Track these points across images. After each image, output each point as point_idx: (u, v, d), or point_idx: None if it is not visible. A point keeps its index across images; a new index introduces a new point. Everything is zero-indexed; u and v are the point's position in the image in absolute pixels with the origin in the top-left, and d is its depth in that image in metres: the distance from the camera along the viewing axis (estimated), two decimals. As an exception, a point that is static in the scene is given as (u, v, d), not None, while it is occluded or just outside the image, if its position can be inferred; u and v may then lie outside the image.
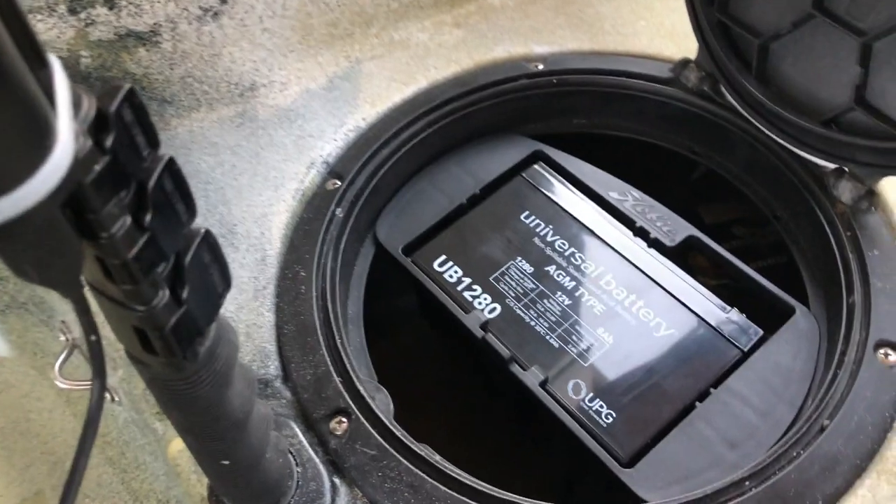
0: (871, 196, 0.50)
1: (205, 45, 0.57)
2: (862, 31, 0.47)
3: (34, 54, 0.21)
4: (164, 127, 0.58)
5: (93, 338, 0.27)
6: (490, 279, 0.53)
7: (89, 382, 0.48)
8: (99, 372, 0.28)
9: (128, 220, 0.24)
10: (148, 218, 0.25)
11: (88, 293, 0.27)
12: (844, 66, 0.49)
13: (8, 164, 0.19)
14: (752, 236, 0.65)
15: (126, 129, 0.23)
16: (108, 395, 0.52)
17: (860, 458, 0.41)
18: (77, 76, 0.54)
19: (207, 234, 0.29)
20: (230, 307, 0.50)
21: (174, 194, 0.26)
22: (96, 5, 0.51)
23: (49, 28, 0.51)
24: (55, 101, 0.21)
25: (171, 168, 0.26)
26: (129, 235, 0.24)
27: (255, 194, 0.55)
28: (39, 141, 0.20)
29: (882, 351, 0.44)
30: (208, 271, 0.29)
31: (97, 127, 0.23)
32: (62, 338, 0.53)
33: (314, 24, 0.60)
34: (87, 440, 0.27)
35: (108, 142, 0.23)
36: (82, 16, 0.51)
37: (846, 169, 0.51)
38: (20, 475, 0.54)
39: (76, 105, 0.22)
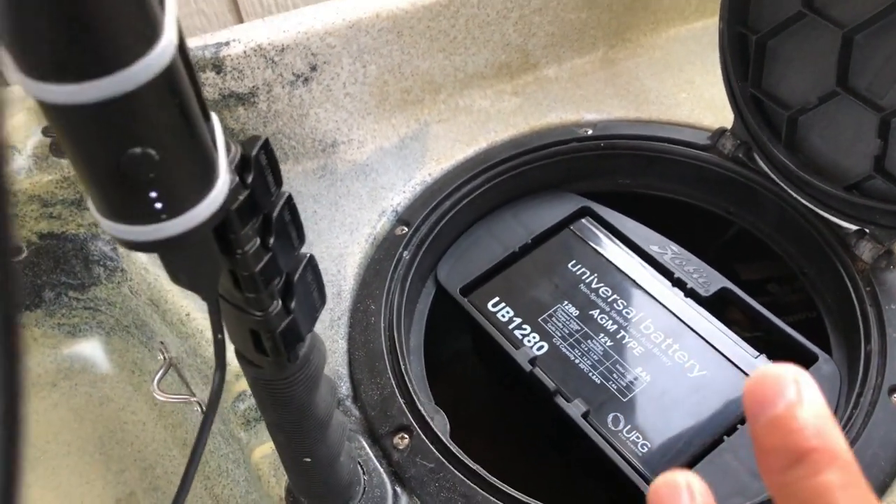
0: (890, 255, 0.55)
1: (295, 106, 0.65)
2: (881, 107, 0.52)
3: (203, 110, 0.27)
4: (255, 176, 0.66)
5: (219, 336, 0.34)
6: (538, 320, 0.59)
7: (183, 396, 0.55)
8: (221, 364, 0.34)
9: (257, 241, 0.31)
10: (271, 241, 0.31)
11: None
12: (865, 138, 0.54)
13: (188, 192, 0.26)
14: (783, 293, 0.69)
15: (261, 170, 0.30)
16: (198, 407, 0.59)
17: (873, 489, 0.45)
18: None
19: (311, 258, 0.35)
20: (308, 335, 0.56)
21: (290, 224, 0.33)
22: (206, 70, 0.60)
23: (166, 89, 0.60)
24: (217, 146, 0.28)
25: (290, 203, 0.32)
26: (257, 254, 0.31)
27: (333, 237, 0.62)
28: (208, 175, 0.26)
29: (896, 395, 0.49)
30: (310, 289, 0.36)
31: (241, 167, 0.29)
32: (160, 357, 0.60)
33: (390, 91, 0.68)
34: (208, 417, 0.33)
35: (249, 179, 0.29)
36: (194, 79, 0.60)
37: (867, 230, 0.56)
38: (115, 478, 0.60)
39: (228, 150, 0.29)
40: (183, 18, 0.75)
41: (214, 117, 0.28)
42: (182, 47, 0.24)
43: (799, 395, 0.21)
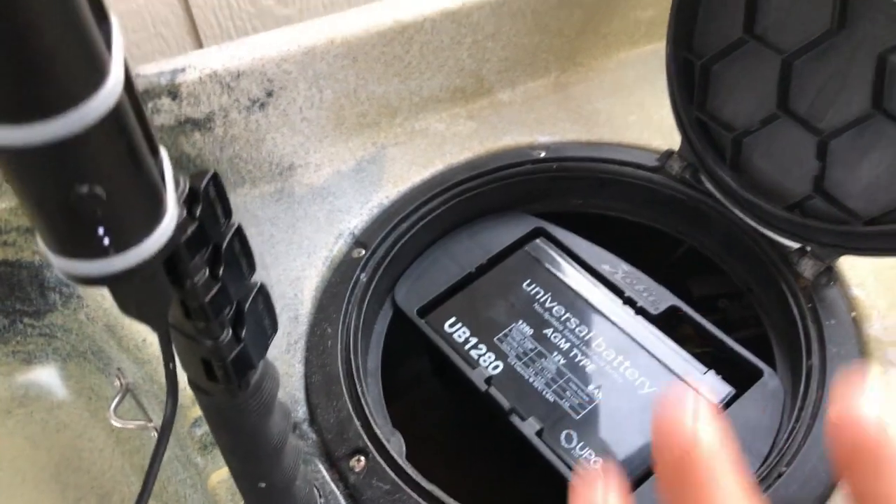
0: (830, 272, 0.57)
1: (251, 130, 0.65)
2: (819, 129, 0.54)
3: (151, 147, 0.28)
4: (212, 200, 0.66)
5: (170, 365, 0.34)
6: (494, 339, 0.60)
7: (140, 422, 0.55)
8: (172, 393, 0.35)
9: (206, 271, 0.31)
10: (220, 271, 0.32)
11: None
12: (805, 160, 0.56)
13: (136, 227, 0.26)
14: (733, 309, 0.71)
15: (210, 202, 0.31)
16: (155, 434, 0.59)
17: (813, 501, 0.47)
18: (141, 156, 0.62)
19: (262, 287, 0.36)
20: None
21: (240, 253, 0.34)
22: (162, 96, 0.60)
23: (121, 115, 0.60)
24: (165, 181, 0.28)
25: (240, 234, 0.33)
26: (206, 284, 0.31)
27: (290, 260, 0.62)
28: (156, 210, 0.27)
29: (836, 408, 0.50)
30: (261, 317, 0.36)
31: (190, 200, 0.30)
32: (116, 383, 0.60)
33: (346, 115, 0.69)
34: (161, 444, 0.34)
35: (198, 212, 0.30)
36: (150, 105, 0.60)
37: (808, 248, 0.58)
38: (71, 507, 0.60)
39: (176, 183, 0.30)
40: (141, 42, 0.75)
41: (163, 151, 0.29)
42: (129, 85, 0.25)
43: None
